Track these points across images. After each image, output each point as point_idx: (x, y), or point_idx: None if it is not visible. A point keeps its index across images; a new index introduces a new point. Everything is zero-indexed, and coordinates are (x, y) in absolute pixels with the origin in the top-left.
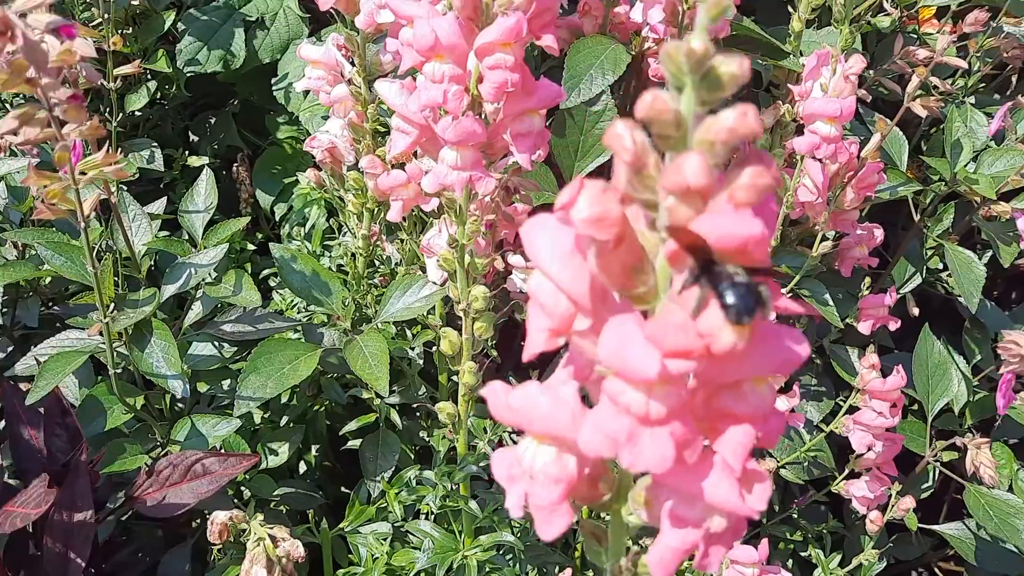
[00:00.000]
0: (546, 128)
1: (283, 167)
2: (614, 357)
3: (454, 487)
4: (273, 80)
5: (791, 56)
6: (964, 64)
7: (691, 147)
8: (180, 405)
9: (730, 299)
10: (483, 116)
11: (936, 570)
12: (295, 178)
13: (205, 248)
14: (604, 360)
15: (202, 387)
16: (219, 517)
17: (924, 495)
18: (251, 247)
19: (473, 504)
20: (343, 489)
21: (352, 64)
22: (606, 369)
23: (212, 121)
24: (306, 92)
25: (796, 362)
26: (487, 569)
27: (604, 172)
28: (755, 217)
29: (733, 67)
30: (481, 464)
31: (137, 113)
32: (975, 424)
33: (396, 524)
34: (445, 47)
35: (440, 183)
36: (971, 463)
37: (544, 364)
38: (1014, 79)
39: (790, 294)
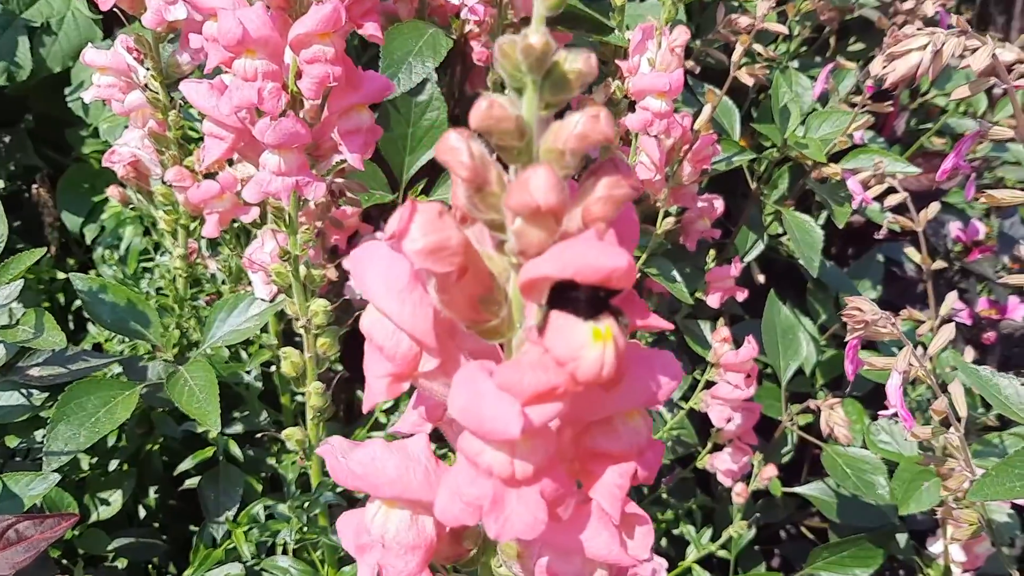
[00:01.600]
0: (376, 125)
1: (91, 185)
2: (467, 416)
3: (311, 518)
4: (67, 90)
5: (616, 31)
6: (784, 30)
7: (537, 158)
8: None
9: (577, 305)
10: (304, 115)
11: (802, 528)
12: (105, 196)
13: None
14: (456, 418)
15: (12, 441)
16: None
17: (785, 459)
18: (61, 276)
19: (334, 535)
20: (192, 527)
21: (146, 67)
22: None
23: (6, 140)
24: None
25: (669, 390)
26: None
27: (436, 166)
28: (619, 245)
29: (579, 63)
30: (338, 491)
31: None
32: (826, 383)
33: (249, 563)
34: (256, 41)
35: (264, 191)
36: (825, 424)
37: None
38: (832, 40)
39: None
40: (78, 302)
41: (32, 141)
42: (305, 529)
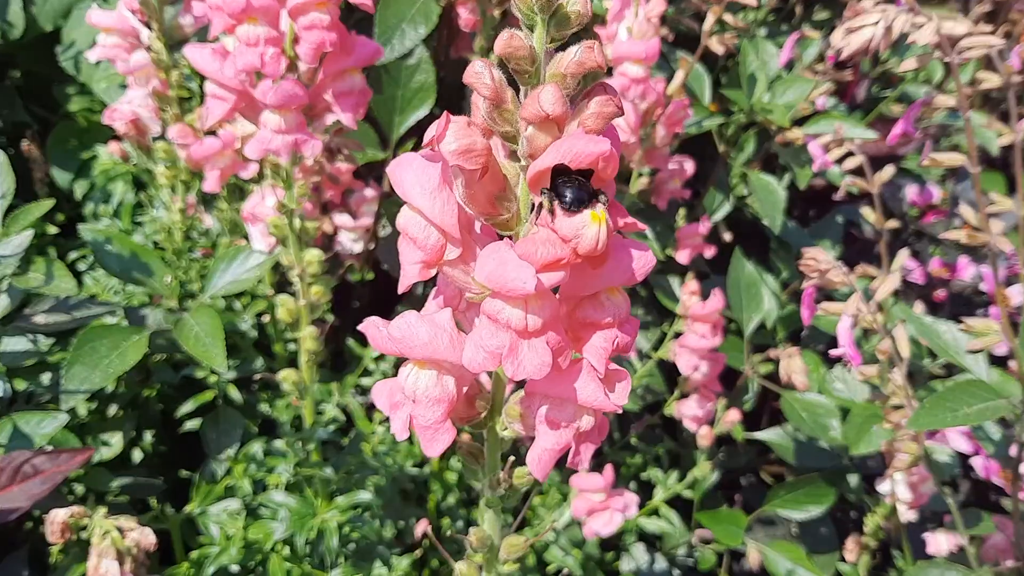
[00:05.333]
0: (367, 87)
1: (79, 141)
2: (493, 278)
3: (306, 454)
4: (59, 48)
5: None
6: (753, 2)
7: (544, 81)
8: None
9: (567, 194)
10: (299, 77)
11: (761, 474)
12: (94, 152)
13: (8, 237)
14: (484, 282)
15: (20, 384)
16: (59, 516)
17: (747, 406)
18: (53, 229)
19: (328, 469)
20: (183, 472)
21: (150, 28)
22: (481, 292)
23: None
24: (99, 61)
25: (646, 268)
26: (346, 529)
27: (424, 126)
28: (604, 137)
29: (578, 5)
30: (330, 428)
31: None
32: (786, 336)
33: (246, 499)
34: (257, 9)
35: (265, 148)
36: (784, 372)
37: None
38: (799, 9)
39: None
40: (70, 256)
41: (19, 97)
42: (298, 467)
